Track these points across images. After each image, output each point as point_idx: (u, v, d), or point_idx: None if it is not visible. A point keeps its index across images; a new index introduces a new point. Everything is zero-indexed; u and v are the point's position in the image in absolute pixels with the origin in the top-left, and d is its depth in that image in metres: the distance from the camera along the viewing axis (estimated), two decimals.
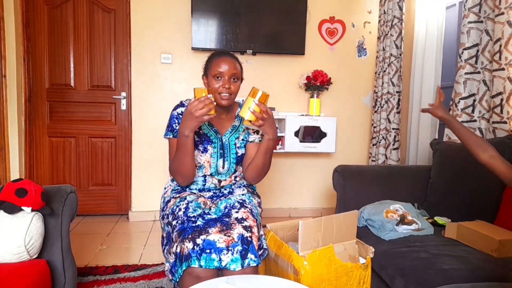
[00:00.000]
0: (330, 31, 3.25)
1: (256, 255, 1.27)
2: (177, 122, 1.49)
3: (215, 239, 1.24)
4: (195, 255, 1.21)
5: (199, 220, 1.34)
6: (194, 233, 1.27)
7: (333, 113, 3.27)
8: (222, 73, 1.44)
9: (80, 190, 3.07)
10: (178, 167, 1.43)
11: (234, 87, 1.47)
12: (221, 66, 1.44)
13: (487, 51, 1.99)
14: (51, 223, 1.42)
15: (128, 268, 2.10)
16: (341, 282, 1.35)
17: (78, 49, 3.01)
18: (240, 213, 1.40)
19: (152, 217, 3.10)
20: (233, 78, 1.47)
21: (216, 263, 1.21)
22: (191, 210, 1.39)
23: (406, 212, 1.73)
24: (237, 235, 1.28)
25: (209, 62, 1.51)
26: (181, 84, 3.05)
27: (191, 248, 1.22)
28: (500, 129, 1.88)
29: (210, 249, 1.22)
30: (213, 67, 1.46)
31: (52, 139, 3.06)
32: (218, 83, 1.45)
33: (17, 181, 1.36)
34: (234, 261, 1.22)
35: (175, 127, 1.49)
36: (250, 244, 1.28)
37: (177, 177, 1.48)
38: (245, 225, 1.33)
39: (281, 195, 3.33)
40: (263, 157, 1.48)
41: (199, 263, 1.20)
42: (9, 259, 1.26)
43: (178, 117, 1.50)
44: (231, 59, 1.48)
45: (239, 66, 1.51)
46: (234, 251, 1.23)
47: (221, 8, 2.96)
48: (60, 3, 2.95)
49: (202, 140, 1.52)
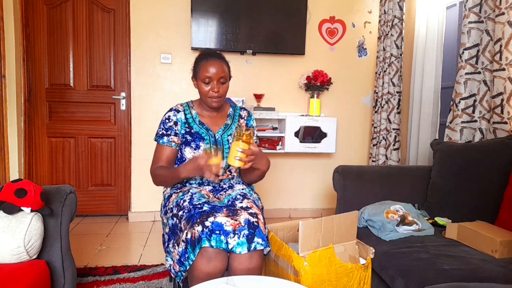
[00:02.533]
0: (330, 31, 3.25)
1: (264, 239, 1.30)
2: (162, 127, 1.60)
3: (223, 222, 1.28)
4: (205, 236, 1.24)
5: (205, 206, 1.37)
6: (202, 217, 1.30)
7: (333, 113, 3.27)
8: (210, 77, 1.52)
9: (79, 190, 3.07)
10: (163, 182, 1.61)
11: (222, 90, 1.56)
12: (209, 70, 1.51)
13: (488, 51, 1.99)
14: (50, 224, 1.42)
15: (128, 269, 2.10)
16: (342, 283, 1.35)
17: (78, 49, 3.00)
18: (244, 203, 1.44)
19: (152, 217, 3.09)
20: (221, 81, 1.55)
21: (224, 245, 1.24)
22: (196, 199, 1.42)
23: (406, 213, 1.73)
24: (244, 220, 1.31)
25: (197, 65, 1.57)
26: (181, 84, 3.05)
27: (201, 230, 1.25)
28: (500, 129, 1.88)
29: (219, 230, 1.25)
30: (202, 72, 1.53)
31: (52, 139, 3.06)
32: (207, 87, 1.54)
33: (17, 181, 1.35)
34: (240, 245, 1.25)
35: (159, 132, 1.60)
36: (257, 229, 1.31)
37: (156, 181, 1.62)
38: (250, 212, 1.37)
39: (281, 196, 3.32)
40: (259, 176, 1.61)
41: (209, 243, 1.23)
42: (8, 259, 1.26)
43: (164, 122, 1.60)
44: (219, 62, 1.54)
45: (227, 67, 1.58)
46: (240, 235, 1.26)
47: (221, 8, 2.96)
48: (60, 3, 2.95)
49: (194, 138, 1.58)
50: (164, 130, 1.58)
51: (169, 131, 1.58)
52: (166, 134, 1.57)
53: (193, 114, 1.62)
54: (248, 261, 1.27)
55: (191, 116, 1.62)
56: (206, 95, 1.54)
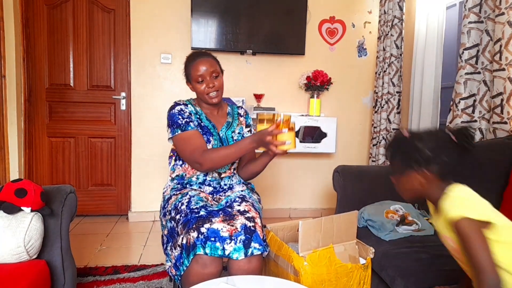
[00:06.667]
0: (330, 31, 3.25)
1: (261, 243, 1.29)
2: (180, 117, 1.53)
3: (219, 228, 1.26)
4: (199, 243, 1.23)
5: (202, 211, 1.35)
6: (198, 222, 1.28)
7: (333, 114, 3.27)
8: (202, 75, 1.51)
9: (79, 190, 3.07)
10: (222, 161, 1.43)
11: (218, 83, 1.54)
12: (199, 69, 1.51)
13: (488, 51, 1.99)
14: (50, 224, 1.42)
15: (128, 269, 2.10)
16: (341, 283, 1.35)
17: (78, 49, 3.00)
18: (242, 206, 1.42)
19: (152, 217, 3.09)
20: (214, 75, 1.53)
21: (220, 251, 1.23)
22: (193, 203, 1.41)
23: (406, 213, 1.73)
24: (240, 225, 1.29)
25: (187, 68, 1.58)
26: (181, 84, 3.04)
27: (196, 237, 1.24)
28: (500, 129, 1.87)
29: (214, 237, 1.24)
30: (193, 72, 1.53)
31: (52, 139, 3.06)
32: (202, 86, 1.53)
33: (17, 181, 1.36)
34: (236, 250, 1.24)
35: (181, 122, 1.51)
36: (254, 233, 1.29)
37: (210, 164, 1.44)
38: (247, 216, 1.35)
39: (281, 196, 3.32)
40: (262, 167, 1.59)
41: (204, 251, 1.22)
42: (8, 259, 1.26)
43: (180, 113, 1.54)
44: (206, 59, 1.54)
45: (216, 61, 1.57)
46: (237, 241, 1.25)
47: (221, 8, 2.96)
48: (60, 3, 2.95)
49: (204, 131, 1.56)
50: (186, 119, 1.52)
51: (189, 119, 1.53)
52: (190, 121, 1.52)
53: (198, 110, 1.61)
54: (247, 266, 1.26)
55: (197, 111, 1.61)
56: (203, 93, 1.53)
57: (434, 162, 0.98)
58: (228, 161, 1.45)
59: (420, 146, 0.98)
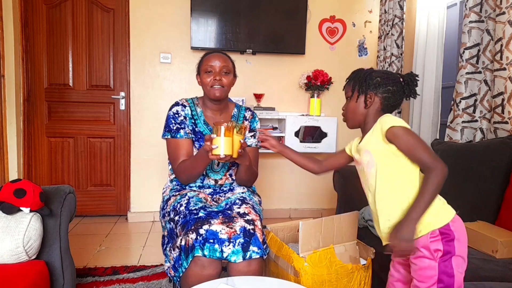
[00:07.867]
0: (330, 30, 3.24)
1: (260, 247, 1.27)
2: (173, 122, 1.52)
3: (218, 230, 1.25)
4: (198, 245, 1.22)
5: (200, 212, 1.34)
6: (197, 224, 1.27)
7: (333, 113, 3.26)
8: (212, 66, 1.49)
9: (78, 190, 3.06)
10: (190, 171, 1.46)
11: (226, 80, 1.51)
12: (211, 61, 1.50)
13: (488, 51, 1.98)
14: (49, 224, 1.41)
15: (127, 269, 2.09)
16: (342, 283, 1.34)
17: (77, 49, 3.00)
18: (242, 208, 1.40)
19: (151, 218, 3.09)
20: (224, 72, 1.50)
21: (218, 253, 1.22)
22: (192, 204, 1.40)
23: None
24: (239, 228, 1.28)
25: (201, 60, 1.56)
26: (181, 83, 3.04)
27: (195, 238, 1.23)
28: (501, 129, 1.87)
29: (213, 239, 1.23)
30: (204, 62, 1.52)
31: (51, 139, 3.05)
32: (209, 77, 1.49)
33: (16, 181, 1.35)
34: (235, 253, 1.23)
35: (172, 127, 1.52)
36: (253, 237, 1.28)
37: (183, 177, 1.50)
38: (247, 219, 1.34)
39: (281, 196, 3.31)
40: (243, 173, 1.54)
41: (202, 253, 1.21)
42: (7, 260, 1.25)
43: (174, 117, 1.53)
44: (222, 55, 1.54)
45: (231, 61, 1.56)
46: (235, 243, 1.24)
47: (220, 7, 2.95)
48: (59, 3, 2.94)
49: (198, 137, 1.54)
50: (178, 124, 1.52)
51: (182, 124, 1.53)
52: (181, 128, 1.52)
53: (198, 112, 1.59)
54: (246, 269, 1.25)
55: (196, 113, 1.58)
56: (208, 84, 1.49)
57: (381, 87, 1.11)
58: (195, 172, 1.46)
59: (373, 74, 1.12)
